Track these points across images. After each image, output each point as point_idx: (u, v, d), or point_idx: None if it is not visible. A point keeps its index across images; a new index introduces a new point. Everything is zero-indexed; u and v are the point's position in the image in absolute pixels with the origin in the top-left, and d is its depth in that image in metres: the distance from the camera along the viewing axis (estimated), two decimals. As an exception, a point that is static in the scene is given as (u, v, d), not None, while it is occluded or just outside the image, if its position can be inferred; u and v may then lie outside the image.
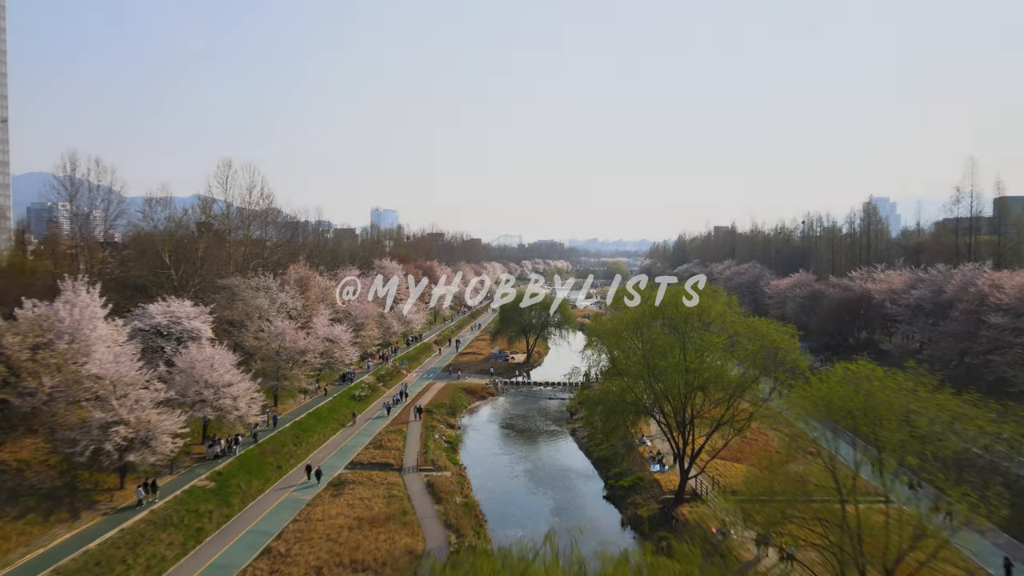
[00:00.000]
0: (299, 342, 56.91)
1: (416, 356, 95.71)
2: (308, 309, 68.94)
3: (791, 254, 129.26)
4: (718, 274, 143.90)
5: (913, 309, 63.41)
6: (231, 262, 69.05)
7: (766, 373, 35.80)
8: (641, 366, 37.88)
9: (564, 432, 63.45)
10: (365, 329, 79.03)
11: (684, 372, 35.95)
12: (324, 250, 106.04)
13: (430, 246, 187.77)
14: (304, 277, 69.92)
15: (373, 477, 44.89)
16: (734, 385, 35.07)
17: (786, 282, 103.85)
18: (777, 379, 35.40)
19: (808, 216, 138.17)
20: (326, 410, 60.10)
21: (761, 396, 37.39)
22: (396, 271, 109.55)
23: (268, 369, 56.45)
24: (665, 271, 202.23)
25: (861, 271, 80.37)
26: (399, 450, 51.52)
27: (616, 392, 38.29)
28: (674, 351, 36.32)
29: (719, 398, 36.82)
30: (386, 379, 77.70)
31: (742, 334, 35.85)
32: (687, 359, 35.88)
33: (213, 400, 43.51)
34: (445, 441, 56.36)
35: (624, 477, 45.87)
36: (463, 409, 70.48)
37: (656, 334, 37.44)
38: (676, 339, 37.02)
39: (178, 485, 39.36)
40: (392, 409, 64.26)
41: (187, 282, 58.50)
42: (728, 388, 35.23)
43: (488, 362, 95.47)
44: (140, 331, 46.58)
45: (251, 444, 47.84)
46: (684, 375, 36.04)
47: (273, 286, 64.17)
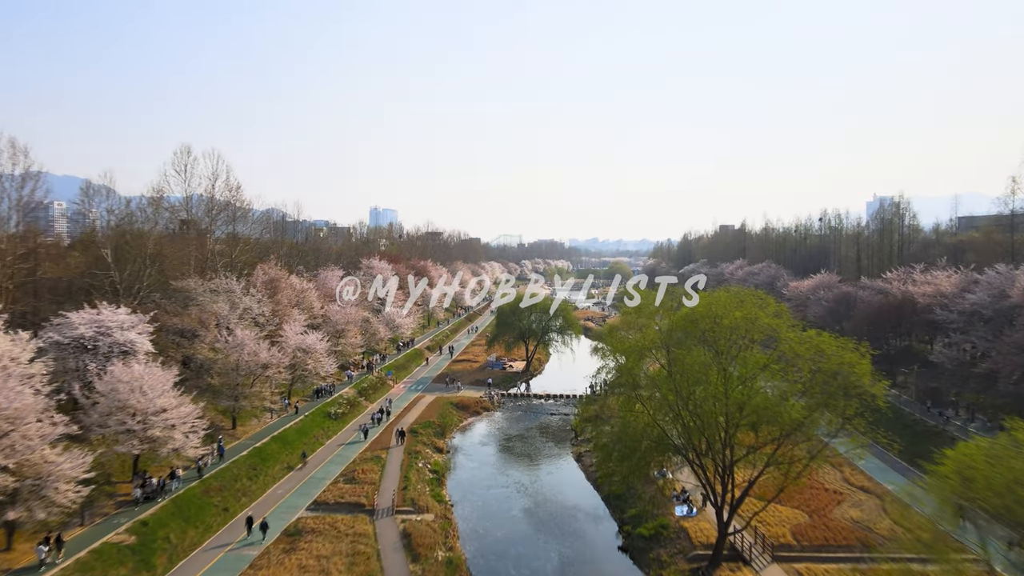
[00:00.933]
0: (261, 354, 48.86)
1: (405, 364, 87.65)
2: (279, 315, 60.94)
3: (808, 253, 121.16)
4: (729, 275, 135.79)
5: (968, 316, 55.39)
6: (192, 261, 61.06)
7: (828, 404, 27.76)
8: (670, 394, 29.79)
9: (568, 456, 55.46)
10: (346, 336, 70.99)
11: (725, 404, 27.92)
12: (304, 249, 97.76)
13: (425, 245, 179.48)
14: (274, 279, 61.83)
15: (338, 524, 36.78)
16: (794, 424, 26.92)
17: (807, 283, 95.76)
18: (845, 416, 27.36)
19: (825, 213, 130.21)
20: (294, 433, 52.02)
21: (821, 432, 29.31)
22: (386, 271, 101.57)
23: (224, 386, 48.50)
24: (670, 271, 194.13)
25: (898, 272, 72.31)
26: (374, 484, 43.45)
27: (638, 428, 30.18)
28: (711, 377, 28.27)
29: (770, 438, 28.77)
30: (369, 392, 69.61)
31: (800, 355, 27.77)
32: (729, 388, 27.81)
33: (141, 431, 35.51)
34: (430, 470, 48.32)
35: (643, 523, 37.81)
36: (454, 428, 62.43)
37: (689, 355, 29.33)
38: (714, 360, 28.93)
39: (89, 540, 31.38)
40: (371, 431, 56.21)
41: (133, 285, 50.45)
42: (785, 427, 27.12)
43: (484, 371, 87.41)
44: (57, 346, 38.55)
45: (194, 480, 39.85)
46: (724, 407, 28.00)
47: (236, 288, 56.16)
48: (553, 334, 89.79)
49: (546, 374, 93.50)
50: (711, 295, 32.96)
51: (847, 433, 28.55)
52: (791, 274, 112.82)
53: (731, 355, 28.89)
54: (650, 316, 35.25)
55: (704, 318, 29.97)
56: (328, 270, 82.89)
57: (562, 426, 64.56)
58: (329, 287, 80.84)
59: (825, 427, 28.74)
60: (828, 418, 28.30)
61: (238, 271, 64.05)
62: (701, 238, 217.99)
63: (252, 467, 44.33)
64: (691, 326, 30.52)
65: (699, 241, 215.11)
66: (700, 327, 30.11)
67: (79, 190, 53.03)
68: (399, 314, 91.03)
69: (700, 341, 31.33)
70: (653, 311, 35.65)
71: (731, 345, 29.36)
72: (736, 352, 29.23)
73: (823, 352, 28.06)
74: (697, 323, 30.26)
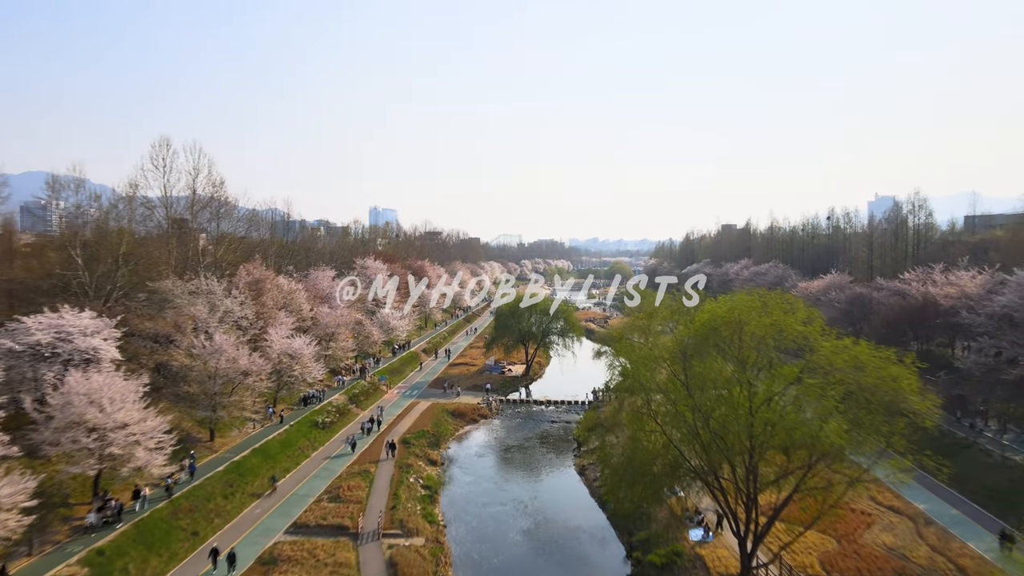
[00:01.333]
0: (240, 360, 45.38)
1: (400, 368, 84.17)
2: (264, 318, 57.47)
3: (816, 253, 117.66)
4: (734, 275, 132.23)
5: (997, 319, 51.92)
6: (172, 261, 57.61)
7: (869, 424, 24.27)
8: (687, 411, 26.30)
9: (570, 468, 52.04)
10: (336, 340, 67.51)
11: (750, 423, 24.45)
12: (294, 248, 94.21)
13: (423, 245, 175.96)
14: (259, 279, 58.34)
15: (317, 551, 33.31)
16: (833, 449, 23.37)
17: (817, 284, 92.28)
18: (889, 440, 23.88)
19: (833, 212, 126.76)
20: (277, 444, 48.58)
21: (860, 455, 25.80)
22: (380, 271, 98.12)
23: (201, 395, 45.04)
24: (672, 271, 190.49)
25: (916, 272, 68.81)
26: (360, 503, 40.01)
27: (651, 450, 26.68)
28: (735, 392, 24.78)
29: (801, 463, 25.27)
30: (360, 399, 66.12)
31: (835, 367, 24.26)
32: (755, 405, 24.32)
33: (98, 449, 32.08)
34: (422, 486, 44.88)
35: (653, 548, 34.29)
36: (449, 437, 58.96)
37: (709, 367, 25.83)
38: (737, 372, 25.43)
39: (36, 573, 27.96)
40: (361, 442, 52.75)
41: (104, 286, 47.03)
42: (823, 451, 23.60)
43: (482, 375, 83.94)
44: (10, 354, 35.12)
45: (163, 500, 36.41)
46: (750, 426, 24.54)
47: (217, 290, 52.69)
48: (554, 337, 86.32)
49: (546, 378, 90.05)
50: (732, 299, 29.42)
51: (888, 455, 25.11)
52: (799, 274, 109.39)
53: (757, 367, 25.41)
54: (662, 320, 31.74)
55: (726, 325, 26.47)
56: (319, 270, 79.35)
57: (563, 435, 61.13)
58: (320, 288, 77.39)
59: (866, 450, 25.25)
60: (870, 440, 24.79)
61: (222, 271, 60.63)
62: (704, 237, 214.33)
63: (228, 484, 40.87)
64: (711, 334, 26.99)
65: (702, 241, 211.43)
66: (721, 335, 26.61)
67: (44, 184, 49.53)
68: (394, 316, 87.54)
69: (718, 350, 27.83)
70: (665, 315, 32.15)
71: (758, 355, 25.89)
72: (763, 363, 25.76)
73: (862, 364, 24.57)
74: (718, 330, 26.73)
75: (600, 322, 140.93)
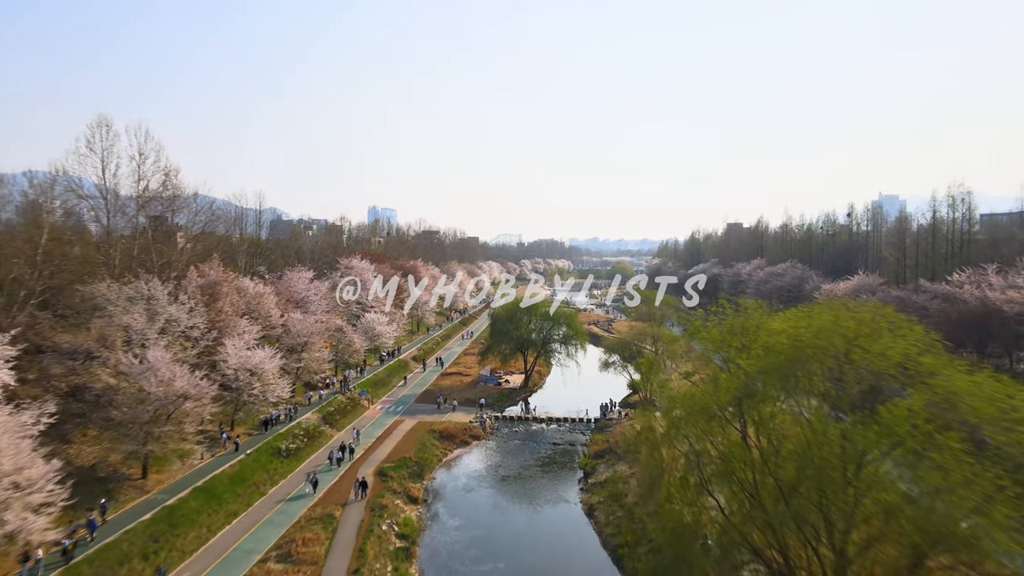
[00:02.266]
0: (176, 382, 37.35)
1: (386, 379, 76.16)
2: (221, 326, 49.49)
3: (837, 252, 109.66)
4: (747, 275, 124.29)
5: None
6: (115, 262, 49.66)
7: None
8: (745, 470, 18.31)
9: (576, 505, 43.98)
10: (310, 350, 59.53)
11: (853, 499, 16.47)
12: (267, 246, 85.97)
13: (416, 244, 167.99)
14: (213, 282, 50.26)
15: (248, 643, 25.35)
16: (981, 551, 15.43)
17: (843, 286, 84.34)
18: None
19: (852, 208, 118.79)
20: (227, 480, 40.56)
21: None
22: (367, 272, 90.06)
23: (129, 425, 37.05)
24: (678, 271, 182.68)
25: (967, 274, 60.87)
26: (316, 564, 32.02)
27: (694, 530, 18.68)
28: (830, 456, 16.80)
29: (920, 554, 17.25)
30: (336, 417, 58.12)
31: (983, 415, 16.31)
32: (858, 479, 16.31)
33: (-47, 511, 24.10)
34: (398, 534, 36.87)
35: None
36: (435, 465, 50.93)
37: (814, 424, 17.47)
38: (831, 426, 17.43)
39: None
40: (328, 475, 44.78)
41: (17, 292, 39.06)
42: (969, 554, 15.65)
43: (476, 387, 75.95)
44: None
45: (59, 567, 28.45)
46: (853, 503, 16.56)
47: (160, 295, 44.68)
48: (556, 344, 78.24)
49: (547, 388, 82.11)
50: (814, 313, 21.28)
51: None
52: (820, 275, 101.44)
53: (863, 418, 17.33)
54: (718, 345, 23.64)
55: (818, 353, 18.41)
56: (295, 271, 71.28)
57: (567, 461, 53.16)
58: (295, 291, 69.38)
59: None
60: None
61: (177, 272, 52.65)
62: (710, 236, 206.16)
63: (153, 538, 32.83)
64: (792, 366, 18.95)
65: (708, 240, 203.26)
66: (809, 367, 18.59)
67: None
68: (380, 321, 79.49)
69: (789, 386, 19.77)
70: (716, 336, 24.04)
71: (862, 399, 17.92)
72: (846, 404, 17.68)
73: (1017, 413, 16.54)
74: (805, 361, 18.72)
75: (604, 325, 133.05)
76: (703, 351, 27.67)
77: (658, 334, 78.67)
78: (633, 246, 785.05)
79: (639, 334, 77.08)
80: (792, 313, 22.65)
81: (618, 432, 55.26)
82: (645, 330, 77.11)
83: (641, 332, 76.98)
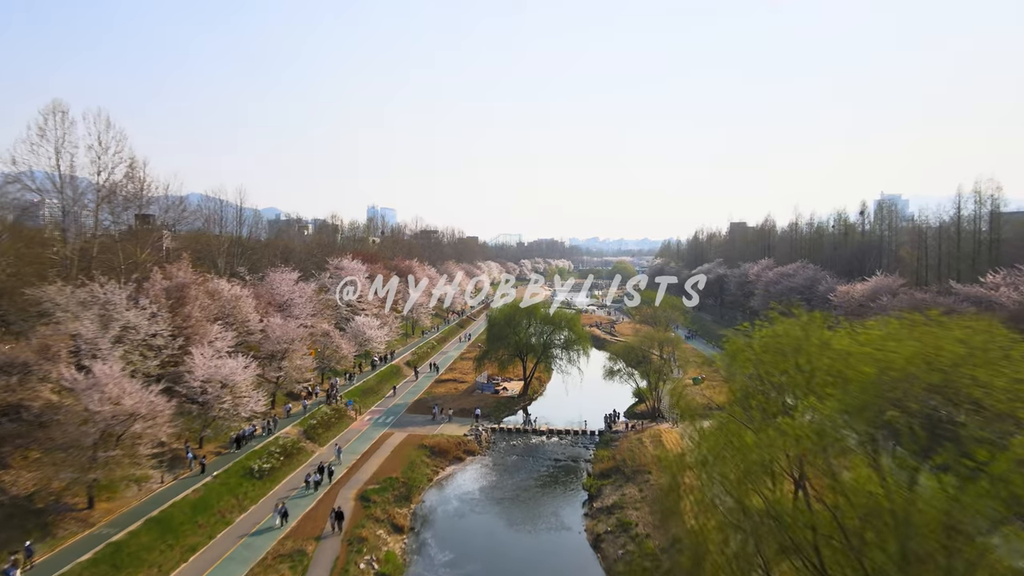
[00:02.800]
0: (124, 400, 32.76)
1: (376, 387, 71.64)
2: (189, 333, 44.90)
3: (852, 252, 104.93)
4: (755, 276, 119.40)
5: None
6: (71, 262, 45.11)
7: None
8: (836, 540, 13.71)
9: (581, 533, 39.43)
10: (291, 358, 54.96)
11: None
12: (249, 246, 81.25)
13: (411, 243, 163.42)
14: (179, 285, 45.65)
15: None
16: None
17: (860, 288, 79.60)
18: None
19: (864, 206, 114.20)
20: (188, 508, 35.99)
21: None
22: (358, 272, 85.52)
23: (73, 449, 32.48)
24: (680, 271, 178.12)
25: (1001, 275, 56.33)
26: (279, 616, 27.48)
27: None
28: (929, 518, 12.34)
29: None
30: (318, 431, 53.56)
31: None
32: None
33: None
34: (377, 575, 32.30)
35: None
36: (425, 486, 46.36)
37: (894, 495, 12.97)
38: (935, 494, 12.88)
39: None
40: (304, 500, 40.20)
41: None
42: None
43: (471, 395, 71.44)
44: None
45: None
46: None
47: (118, 299, 40.08)
48: (557, 349, 73.63)
49: (548, 396, 77.57)
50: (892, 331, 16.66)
51: None
52: (834, 276, 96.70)
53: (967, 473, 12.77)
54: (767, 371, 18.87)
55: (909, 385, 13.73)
56: (278, 271, 66.68)
57: (569, 480, 48.65)
58: (278, 293, 64.74)
59: None
60: None
61: (143, 274, 48.08)
62: (714, 236, 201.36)
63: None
64: (872, 402, 14.27)
65: (712, 239, 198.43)
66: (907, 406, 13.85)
67: None
68: (371, 325, 74.91)
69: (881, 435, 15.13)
70: (772, 361, 19.29)
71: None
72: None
73: None
74: (901, 400, 13.95)
75: (606, 327, 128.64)
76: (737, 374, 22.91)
77: (665, 339, 74.08)
78: (634, 246, 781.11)
79: (645, 338, 72.43)
80: (874, 327, 17.90)
81: (625, 448, 50.77)
82: (651, 334, 72.45)
83: (648, 336, 72.31)
